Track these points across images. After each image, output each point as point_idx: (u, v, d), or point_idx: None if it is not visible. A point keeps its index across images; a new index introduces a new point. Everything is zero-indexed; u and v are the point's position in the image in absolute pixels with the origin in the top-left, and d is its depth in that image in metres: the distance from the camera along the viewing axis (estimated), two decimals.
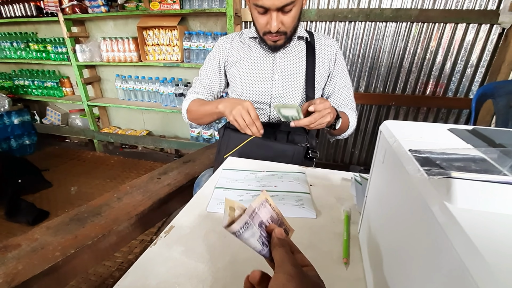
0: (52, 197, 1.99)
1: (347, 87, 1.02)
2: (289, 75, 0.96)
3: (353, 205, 0.62)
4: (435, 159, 0.28)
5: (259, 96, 0.98)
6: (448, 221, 0.20)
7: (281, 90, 0.96)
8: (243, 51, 0.99)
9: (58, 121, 2.86)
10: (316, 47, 0.97)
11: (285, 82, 0.96)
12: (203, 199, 0.63)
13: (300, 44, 0.98)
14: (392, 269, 0.32)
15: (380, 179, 0.42)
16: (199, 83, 1.06)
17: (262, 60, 0.97)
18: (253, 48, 0.98)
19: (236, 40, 1.02)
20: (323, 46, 0.98)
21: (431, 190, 0.24)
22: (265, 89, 0.97)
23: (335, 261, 0.47)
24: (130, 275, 0.43)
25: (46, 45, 2.53)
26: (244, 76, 0.98)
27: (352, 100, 1.04)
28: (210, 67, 1.04)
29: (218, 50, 1.02)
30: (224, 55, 1.01)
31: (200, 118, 0.98)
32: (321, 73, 0.98)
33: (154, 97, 2.41)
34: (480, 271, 0.16)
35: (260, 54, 0.97)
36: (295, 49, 0.97)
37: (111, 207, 1.09)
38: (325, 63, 0.98)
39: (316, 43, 0.98)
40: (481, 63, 1.74)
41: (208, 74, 1.04)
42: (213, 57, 1.03)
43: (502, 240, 0.18)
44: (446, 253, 0.20)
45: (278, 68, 0.96)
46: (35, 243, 0.91)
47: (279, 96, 0.97)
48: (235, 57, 0.99)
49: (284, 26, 0.85)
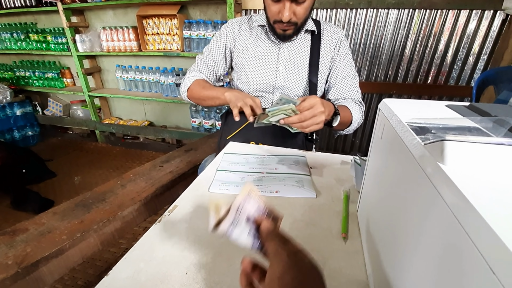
0: (57, 187, 2.02)
1: (350, 78, 0.98)
2: (293, 67, 0.96)
3: (353, 185, 0.63)
4: (431, 128, 0.29)
5: (263, 86, 0.98)
6: (440, 178, 0.21)
7: (284, 81, 0.97)
8: (251, 39, 0.98)
9: (60, 112, 2.87)
10: (322, 36, 0.96)
11: (289, 74, 0.96)
12: (206, 181, 0.65)
13: (306, 37, 0.97)
14: (388, 238, 0.34)
15: (379, 156, 0.43)
16: (203, 62, 1.05)
17: (268, 52, 0.97)
18: (260, 38, 0.98)
19: (245, 26, 1.01)
20: (328, 34, 0.97)
21: (425, 154, 0.25)
22: (269, 80, 0.97)
23: (334, 236, 0.49)
24: (137, 248, 0.45)
25: (46, 35, 2.52)
26: (249, 66, 0.98)
27: (356, 92, 0.99)
28: (216, 49, 1.03)
29: (226, 34, 1.01)
30: (232, 40, 1.00)
31: (201, 99, 0.97)
32: (325, 60, 0.97)
33: (154, 87, 2.41)
34: (472, 222, 0.17)
35: (267, 45, 0.97)
36: (301, 42, 0.97)
37: (115, 194, 1.11)
38: (329, 50, 0.97)
39: (322, 32, 0.97)
40: (484, 50, 1.73)
41: (214, 56, 1.03)
42: (221, 39, 1.02)
43: (493, 194, 0.19)
44: (438, 211, 0.21)
45: (283, 60, 0.96)
46: (42, 227, 0.93)
47: (282, 87, 0.97)
48: (242, 45, 0.99)
49: (295, 17, 0.83)
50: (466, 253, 0.17)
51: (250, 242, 0.31)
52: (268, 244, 0.30)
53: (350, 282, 0.40)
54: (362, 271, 0.42)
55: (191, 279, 0.39)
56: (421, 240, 0.24)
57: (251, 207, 0.34)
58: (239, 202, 0.33)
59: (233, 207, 0.32)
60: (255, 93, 1.00)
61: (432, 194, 0.22)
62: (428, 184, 0.23)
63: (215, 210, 0.32)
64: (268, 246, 0.30)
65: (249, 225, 0.32)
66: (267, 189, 0.62)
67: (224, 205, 0.32)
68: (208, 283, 0.39)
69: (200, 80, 1.00)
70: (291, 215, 0.54)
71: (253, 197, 0.35)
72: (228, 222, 0.30)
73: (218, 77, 1.08)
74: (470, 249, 0.16)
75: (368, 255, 0.42)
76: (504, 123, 0.29)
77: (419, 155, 0.26)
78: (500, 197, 0.18)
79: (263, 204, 0.35)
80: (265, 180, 0.65)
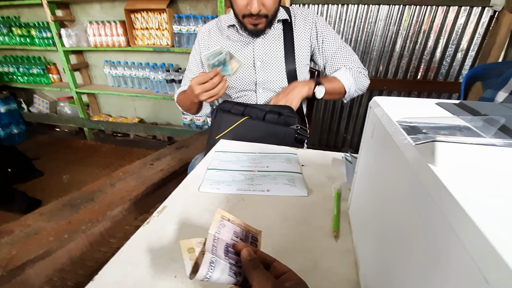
0: (45, 186, 1.97)
1: (340, 49, 0.97)
2: (270, 60, 0.95)
3: (344, 183, 0.63)
4: (422, 128, 0.29)
5: (244, 85, 0.98)
6: (431, 180, 0.21)
7: (264, 75, 0.96)
8: (223, 40, 0.98)
9: (47, 109, 2.79)
10: (293, 22, 0.95)
11: (267, 68, 0.96)
12: (196, 180, 0.64)
13: (278, 27, 0.96)
14: (379, 237, 0.34)
15: (369, 154, 0.42)
16: (186, 78, 1.08)
17: (242, 51, 0.95)
18: (232, 39, 0.97)
19: (214, 30, 1.00)
20: (300, 19, 0.96)
21: (416, 155, 0.24)
22: (249, 77, 0.97)
23: (325, 235, 0.48)
24: (124, 251, 0.43)
25: (30, 29, 2.43)
26: None
27: (350, 60, 0.98)
28: (193, 61, 1.05)
29: (198, 43, 1.02)
30: (204, 47, 1.00)
31: (188, 108, 1.02)
32: (301, 46, 0.96)
33: (144, 84, 2.36)
34: (463, 227, 0.17)
35: (240, 43, 0.96)
36: (274, 34, 0.95)
37: (105, 193, 1.09)
38: (304, 36, 0.96)
39: (294, 19, 0.95)
40: (472, 46, 1.75)
41: (192, 69, 1.05)
42: (195, 50, 1.03)
43: (484, 197, 0.19)
44: (429, 212, 0.21)
45: (259, 54, 0.95)
46: (28, 229, 0.91)
47: (263, 82, 0.97)
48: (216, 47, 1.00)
49: (265, 8, 0.82)
50: (457, 257, 0.17)
51: (233, 279, 0.29)
52: (251, 275, 0.28)
53: (341, 281, 0.40)
54: (353, 270, 0.42)
55: (180, 283, 0.39)
56: (412, 241, 0.24)
57: (227, 233, 0.32)
58: (213, 234, 0.30)
59: (207, 242, 0.29)
60: (238, 93, 1.01)
61: (423, 195, 0.22)
62: (419, 185, 0.23)
63: (188, 253, 0.29)
64: (251, 279, 0.28)
65: (229, 259, 0.30)
66: (258, 187, 0.61)
67: (197, 244, 0.30)
68: (198, 287, 0.38)
69: (181, 92, 1.04)
70: (282, 214, 0.53)
71: (227, 223, 0.33)
72: (206, 265, 0.27)
73: None
74: (461, 253, 0.16)
75: (359, 254, 0.42)
76: (494, 123, 0.29)
77: (409, 155, 0.26)
78: (492, 200, 0.18)
79: (238, 228, 0.33)
80: (256, 179, 0.64)
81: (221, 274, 0.28)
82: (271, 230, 0.49)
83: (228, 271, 0.29)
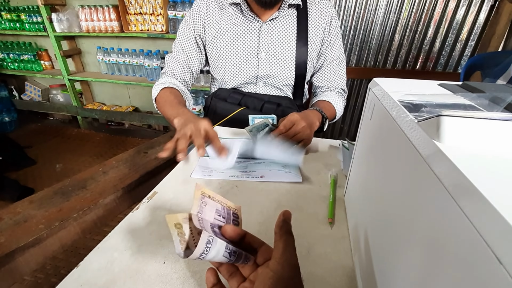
0: (37, 174, 1.94)
1: (338, 62, 0.90)
2: (278, 50, 0.83)
3: (340, 170, 0.62)
4: (425, 105, 0.27)
5: (244, 78, 0.87)
6: (436, 157, 0.19)
7: (268, 69, 0.85)
8: (223, 21, 0.83)
9: (39, 97, 2.73)
10: (309, 12, 0.83)
11: (272, 60, 0.84)
12: (188, 167, 0.62)
13: (290, 13, 0.83)
14: (375, 223, 0.32)
15: (368, 138, 0.41)
16: (174, 60, 0.87)
17: (245, 35, 0.82)
18: (234, 19, 0.82)
19: (213, 6, 0.83)
20: (317, 9, 0.84)
21: (419, 132, 0.23)
22: (250, 70, 0.85)
23: (320, 221, 0.47)
24: (112, 237, 0.42)
25: (20, 14, 2.35)
26: (225, 56, 0.85)
27: (342, 79, 0.92)
28: (185, 39, 0.86)
29: (193, 19, 0.84)
30: (201, 25, 0.84)
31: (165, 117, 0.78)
32: (315, 39, 0.85)
33: (139, 71, 2.31)
34: (474, 206, 0.15)
35: (244, 27, 0.82)
36: (284, 20, 0.83)
37: (97, 181, 1.07)
38: (319, 29, 0.85)
39: (309, 6, 0.84)
40: (472, 36, 1.73)
41: (184, 49, 0.87)
42: (188, 27, 0.85)
43: (497, 175, 0.17)
44: (433, 193, 0.19)
45: (264, 44, 0.83)
46: (18, 216, 0.89)
47: (266, 76, 0.86)
48: (214, 30, 0.84)
49: None
50: (466, 239, 0.15)
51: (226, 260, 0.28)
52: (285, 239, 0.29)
53: (336, 268, 0.39)
54: (348, 256, 0.41)
55: (169, 269, 0.37)
56: (413, 225, 0.23)
57: (209, 213, 0.30)
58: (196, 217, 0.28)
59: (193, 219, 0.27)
60: (237, 87, 0.90)
61: (426, 175, 0.20)
62: (422, 164, 0.21)
63: (176, 228, 0.27)
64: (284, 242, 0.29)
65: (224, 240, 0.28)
66: (252, 174, 0.59)
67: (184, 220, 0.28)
68: (187, 273, 0.37)
69: (167, 90, 0.82)
70: (277, 201, 0.52)
71: (208, 200, 0.30)
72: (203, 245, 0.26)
73: (196, 74, 0.92)
74: (471, 234, 0.14)
75: (354, 241, 0.41)
76: (499, 101, 0.27)
77: (412, 133, 0.24)
78: (504, 178, 0.16)
79: (220, 205, 0.32)
80: (250, 166, 0.62)
81: (216, 254, 0.27)
82: (265, 217, 0.47)
83: (223, 251, 0.28)
